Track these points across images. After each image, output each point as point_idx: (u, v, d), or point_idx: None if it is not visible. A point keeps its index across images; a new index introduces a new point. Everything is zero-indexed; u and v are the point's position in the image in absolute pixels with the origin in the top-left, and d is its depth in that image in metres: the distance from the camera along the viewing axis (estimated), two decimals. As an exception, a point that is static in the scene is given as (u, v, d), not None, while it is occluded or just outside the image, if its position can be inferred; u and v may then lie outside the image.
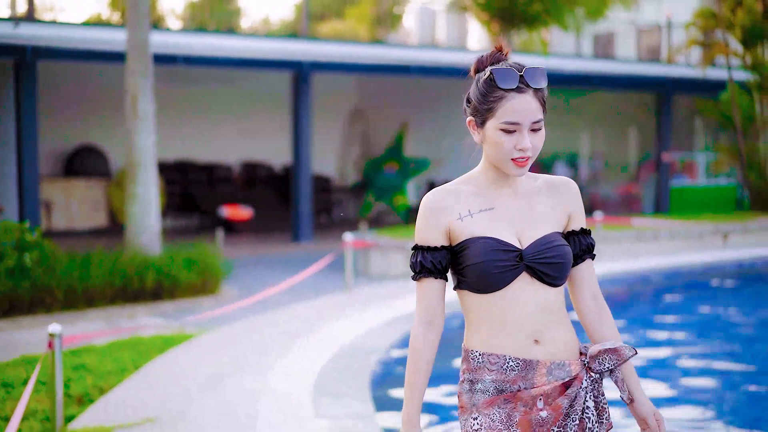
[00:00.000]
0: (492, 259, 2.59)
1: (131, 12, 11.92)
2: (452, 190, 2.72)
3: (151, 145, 12.05)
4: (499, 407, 2.61)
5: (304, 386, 6.49)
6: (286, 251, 16.95)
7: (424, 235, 2.68)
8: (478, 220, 2.66)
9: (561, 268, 2.64)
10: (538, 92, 2.62)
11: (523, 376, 2.61)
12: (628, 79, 22.03)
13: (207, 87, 22.01)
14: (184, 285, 11.66)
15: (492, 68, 2.64)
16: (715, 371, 8.15)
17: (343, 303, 10.34)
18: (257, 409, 5.93)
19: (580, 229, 2.77)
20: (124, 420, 5.61)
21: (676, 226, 17.47)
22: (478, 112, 2.69)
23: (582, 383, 2.64)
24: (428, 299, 2.69)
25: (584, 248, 2.76)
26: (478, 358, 2.65)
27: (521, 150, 2.59)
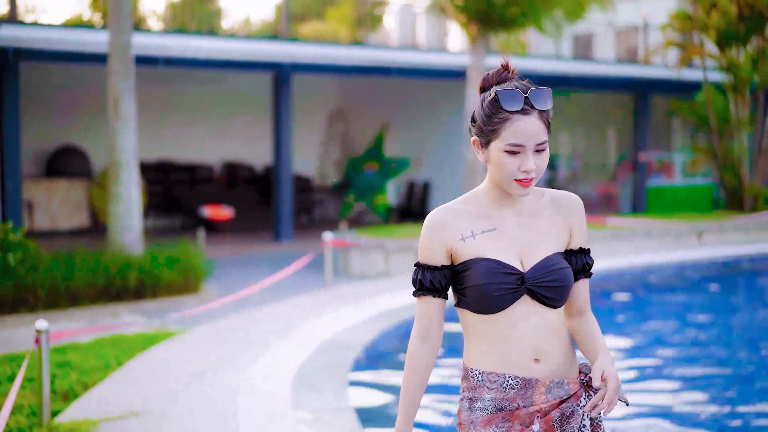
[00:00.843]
0: (493, 282, 2.61)
1: (113, 14, 12.04)
2: (455, 209, 2.71)
3: (133, 145, 12.18)
4: (497, 426, 2.64)
5: (283, 381, 6.67)
6: (267, 251, 17.11)
7: (425, 254, 2.70)
8: (480, 241, 2.66)
9: (562, 291, 2.66)
10: (543, 113, 2.61)
11: (522, 394, 2.64)
12: (606, 80, 22.28)
13: (188, 88, 22.13)
14: (166, 284, 11.80)
15: (497, 89, 2.61)
16: (687, 367, 8.37)
17: (323, 301, 10.52)
18: (238, 403, 6.10)
19: (579, 248, 2.78)
20: (108, 414, 5.77)
21: (652, 225, 17.73)
22: (482, 132, 2.65)
23: (579, 401, 2.67)
24: (426, 316, 2.71)
25: (580, 268, 2.77)
26: (477, 376, 2.68)
27: (525, 171, 2.59)
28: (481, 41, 16.56)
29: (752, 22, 20.43)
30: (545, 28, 16.50)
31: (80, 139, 20.69)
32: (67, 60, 16.64)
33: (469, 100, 16.72)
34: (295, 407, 5.96)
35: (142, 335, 8.88)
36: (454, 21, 17.02)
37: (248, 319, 9.46)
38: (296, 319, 9.31)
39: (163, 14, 31.96)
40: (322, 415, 5.77)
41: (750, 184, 21.03)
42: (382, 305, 10.00)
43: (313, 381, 6.68)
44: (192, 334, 8.67)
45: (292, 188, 18.60)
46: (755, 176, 21.21)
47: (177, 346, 8.11)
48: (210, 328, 9.03)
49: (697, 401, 7.23)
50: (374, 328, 8.73)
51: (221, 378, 6.84)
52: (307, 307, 10.13)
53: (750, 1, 20.14)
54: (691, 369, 8.27)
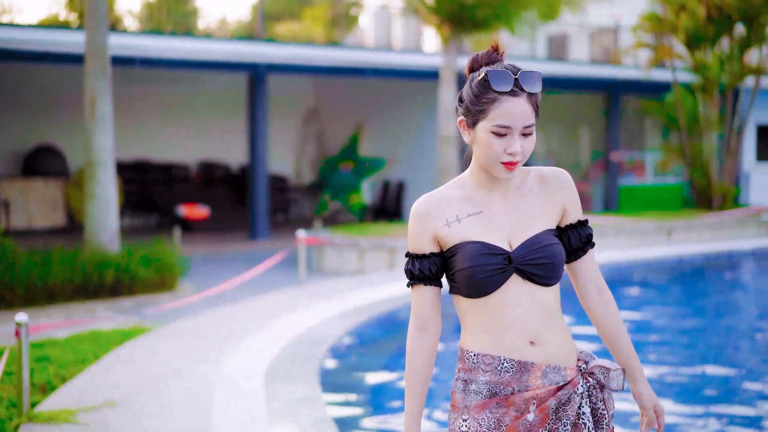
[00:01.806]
0: (480, 264, 2.57)
1: (90, 15, 12.19)
2: (441, 195, 2.68)
3: (109, 145, 12.33)
4: (491, 411, 2.59)
5: (257, 373, 6.89)
6: (242, 249, 17.29)
7: (413, 243, 2.68)
8: (466, 224, 2.63)
9: (551, 268, 2.62)
10: (532, 96, 2.57)
11: (517, 378, 2.60)
12: (579, 80, 22.59)
13: (164, 87, 22.28)
14: (142, 281, 11.97)
15: (487, 69, 2.57)
16: (651, 362, 8.63)
17: (297, 297, 10.73)
18: (213, 394, 6.31)
19: (578, 221, 2.74)
20: (86, 404, 5.97)
21: (622, 223, 18.04)
22: (469, 112, 2.61)
23: (576, 388, 2.61)
24: (421, 306, 2.68)
25: (584, 240, 2.74)
26: (473, 358, 2.63)
27: (511, 154, 2.55)
28: (454, 42, 16.81)
29: (720, 24, 20.80)
30: (516, 29, 16.75)
31: (57, 138, 20.79)
32: (44, 60, 16.77)
33: (442, 100, 16.95)
34: (268, 398, 6.17)
35: (119, 331, 9.06)
36: (427, 23, 17.26)
37: (223, 315, 9.66)
38: (270, 314, 9.52)
39: (139, 14, 32.05)
40: (293, 405, 5.98)
41: (718, 183, 21.40)
42: (355, 301, 10.22)
43: (286, 373, 6.89)
44: (168, 329, 8.86)
45: (267, 187, 18.80)
46: (723, 175, 21.59)
47: (153, 341, 8.31)
48: (185, 323, 9.23)
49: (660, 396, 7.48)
50: (346, 323, 8.95)
51: (196, 370, 7.04)
52: (282, 303, 10.34)
53: (718, 4, 20.50)
54: (655, 368, 8.54)
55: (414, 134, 22.38)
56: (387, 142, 23.44)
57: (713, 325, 10.88)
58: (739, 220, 20.00)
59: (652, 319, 11.01)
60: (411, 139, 22.55)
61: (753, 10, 20.45)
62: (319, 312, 9.58)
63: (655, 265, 14.89)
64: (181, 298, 11.65)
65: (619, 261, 14.33)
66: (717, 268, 15.71)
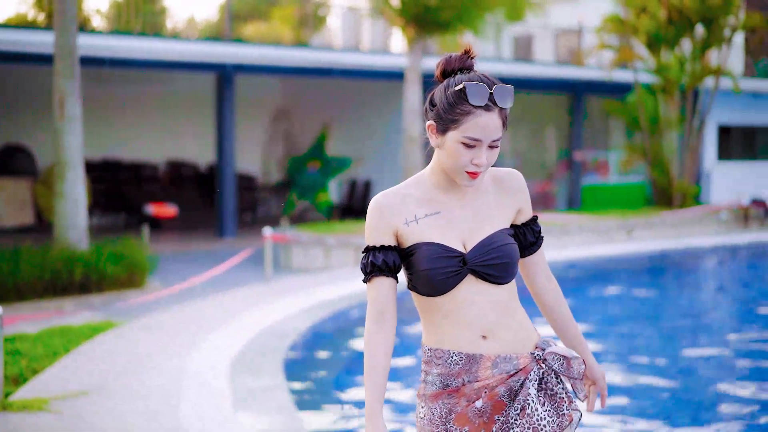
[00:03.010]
0: (436, 267, 2.63)
1: (59, 16, 12.34)
2: (399, 193, 2.73)
3: (78, 144, 12.47)
4: (443, 401, 2.68)
5: (223, 364, 7.14)
6: (210, 247, 17.49)
7: (373, 236, 2.71)
8: (423, 225, 2.68)
9: (506, 268, 2.68)
10: (503, 111, 2.63)
11: (467, 369, 2.67)
12: (544, 81, 22.94)
13: (133, 87, 22.41)
14: (110, 279, 12.12)
15: (466, 82, 2.60)
16: (608, 358, 8.94)
17: (263, 293, 10.98)
18: (181, 384, 6.55)
19: (529, 219, 2.84)
20: (59, 393, 6.19)
21: (584, 221, 18.40)
22: (441, 119, 2.64)
23: (529, 375, 2.67)
24: (379, 298, 2.71)
25: (537, 236, 2.85)
26: (428, 352, 2.73)
27: (476, 165, 2.61)
28: (419, 44, 17.09)
29: (680, 26, 21.24)
30: (480, 31, 17.06)
31: (25, 138, 20.87)
32: (12, 61, 16.86)
33: (407, 100, 17.22)
34: (234, 387, 6.42)
35: (89, 326, 9.25)
36: (392, 24, 17.53)
37: (191, 310, 9.89)
38: (237, 309, 9.76)
39: (107, 13, 32.08)
40: (258, 394, 6.24)
41: (678, 182, 21.84)
42: (320, 296, 10.48)
43: (251, 364, 7.15)
44: (137, 324, 9.07)
45: (235, 186, 19.01)
46: (684, 174, 22.03)
47: (122, 334, 8.52)
48: (154, 318, 9.44)
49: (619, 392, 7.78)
50: (311, 317, 9.21)
51: (165, 362, 7.28)
52: (248, 298, 10.58)
53: (678, 6, 20.93)
54: (609, 356, 8.85)
55: (380, 134, 22.66)
56: (354, 141, 23.70)
57: (668, 318, 11.23)
58: (698, 218, 20.46)
59: (608, 313, 11.34)
60: (377, 139, 22.82)
61: (712, 13, 20.91)
62: (285, 307, 9.83)
63: (614, 261, 15.25)
64: (149, 294, 11.85)
65: (579, 258, 14.66)
66: (675, 264, 16.10)
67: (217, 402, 6.04)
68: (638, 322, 10.87)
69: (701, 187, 24.17)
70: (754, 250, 17.91)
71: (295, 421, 5.57)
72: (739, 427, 6.46)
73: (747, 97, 25.22)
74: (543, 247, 2.89)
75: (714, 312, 12.24)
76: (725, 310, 12.46)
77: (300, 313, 9.47)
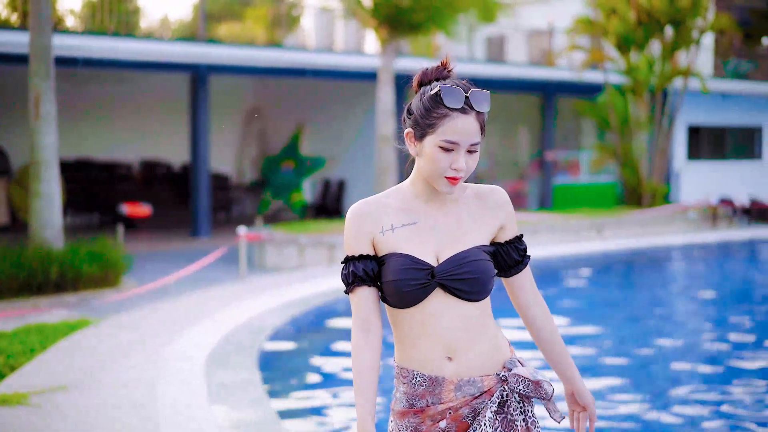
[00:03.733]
0: (404, 278, 2.61)
1: (34, 17, 12.44)
2: (378, 202, 2.71)
3: (53, 144, 12.56)
4: (409, 420, 2.68)
5: (198, 358, 7.29)
6: (184, 246, 17.59)
7: (352, 245, 2.70)
8: (398, 235, 2.67)
9: (476, 284, 2.64)
10: (480, 115, 2.62)
11: (430, 391, 2.65)
12: (517, 81, 23.17)
13: (107, 87, 22.47)
14: (86, 277, 12.22)
15: (441, 85, 2.61)
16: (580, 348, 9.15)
17: (237, 290, 11.13)
18: (157, 378, 6.70)
19: (514, 237, 2.78)
20: (37, 387, 6.33)
21: (555, 220, 18.65)
22: (418, 125, 2.64)
23: (492, 397, 2.65)
24: (362, 308, 2.69)
25: (521, 255, 2.78)
26: (396, 369, 2.73)
27: (455, 170, 2.59)
28: (392, 45, 17.28)
29: (649, 28, 21.56)
30: (451, 32, 17.27)
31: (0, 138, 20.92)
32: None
33: (380, 100, 17.40)
34: (208, 381, 6.58)
35: (65, 323, 9.37)
36: (365, 25, 17.71)
37: (167, 307, 10.03)
38: (212, 306, 9.91)
39: (80, 13, 32.05)
40: (232, 387, 6.40)
41: (648, 181, 22.15)
42: (293, 294, 10.65)
43: (226, 358, 7.31)
44: (113, 321, 9.21)
45: (209, 186, 19.12)
46: (653, 174, 22.34)
47: (99, 331, 8.65)
48: (130, 315, 9.58)
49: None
50: (285, 314, 9.38)
51: (140, 357, 7.42)
52: (222, 296, 10.73)
53: (647, 8, 21.25)
54: (582, 353, 9.07)
55: (354, 134, 22.83)
56: (327, 141, 23.86)
57: (636, 314, 11.48)
58: (668, 217, 20.77)
59: (576, 310, 11.58)
60: (351, 139, 22.99)
61: (680, 15, 21.25)
62: (260, 304, 9.99)
63: (583, 260, 15.50)
64: (125, 292, 11.96)
65: (549, 256, 14.89)
66: (642, 262, 16.38)
67: (193, 395, 6.20)
68: (604, 320, 11.10)
69: (671, 187, 24.52)
70: (722, 248, 18.24)
71: (268, 413, 5.73)
72: (705, 418, 6.68)
73: (716, 98, 25.59)
74: (529, 267, 2.83)
75: (677, 308, 12.50)
76: (687, 307, 12.72)
77: (274, 309, 9.64)
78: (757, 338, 9.89)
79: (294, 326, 9.19)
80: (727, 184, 25.57)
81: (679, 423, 6.55)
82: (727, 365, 8.51)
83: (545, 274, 14.07)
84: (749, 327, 10.59)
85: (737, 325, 10.71)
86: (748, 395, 7.34)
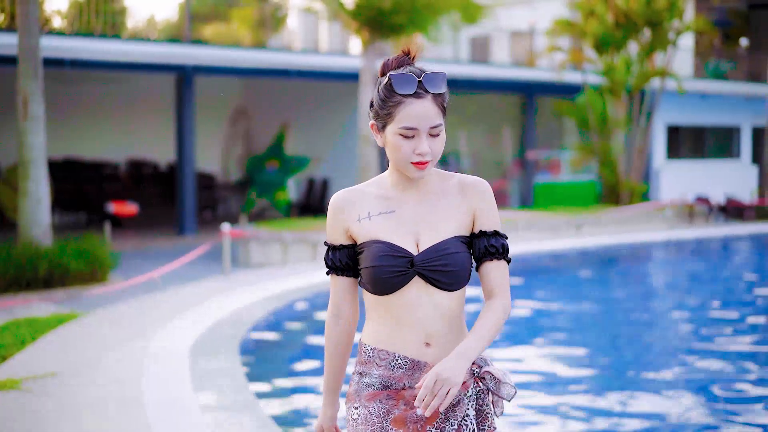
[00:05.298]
0: (383, 265, 2.63)
1: (22, 19, 12.72)
2: (357, 191, 2.75)
3: (41, 143, 12.85)
4: (381, 402, 2.67)
5: (182, 348, 7.63)
6: (170, 244, 17.89)
7: (329, 235, 2.77)
8: (376, 223, 2.69)
9: (454, 275, 2.66)
10: (438, 97, 2.62)
11: (409, 375, 2.67)
12: (499, 81, 23.55)
13: (94, 87, 22.75)
14: (74, 274, 12.51)
15: (391, 74, 2.64)
16: (558, 349, 9.52)
17: (221, 286, 11.47)
18: (143, 366, 7.04)
19: (480, 231, 2.73)
20: (29, 374, 6.66)
21: (535, 218, 19.03)
22: (378, 116, 2.67)
23: (467, 391, 2.67)
24: (335, 294, 2.80)
25: (483, 251, 2.72)
26: (369, 352, 2.72)
27: (420, 154, 2.60)
28: (373, 46, 17.62)
29: (627, 30, 22.00)
30: (432, 34, 17.62)
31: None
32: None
33: (362, 101, 17.73)
34: (192, 369, 6.92)
35: (55, 317, 9.67)
36: (347, 27, 18.06)
37: (152, 301, 10.37)
38: (197, 300, 10.25)
39: (67, 13, 32.26)
40: (215, 375, 6.74)
41: (626, 180, 22.57)
42: (275, 289, 11.00)
43: (209, 349, 7.65)
44: (101, 314, 9.54)
45: (195, 185, 19.44)
46: (631, 173, 22.77)
47: (87, 323, 8.98)
48: (117, 309, 9.91)
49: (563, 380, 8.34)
50: (266, 307, 9.73)
51: (128, 347, 7.76)
52: (207, 290, 11.07)
53: (625, 10, 21.67)
54: (549, 348, 9.43)
55: (338, 134, 23.17)
56: (312, 141, 24.19)
57: (609, 308, 11.85)
58: (645, 215, 21.18)
59: (549, 304, 11.94)
60: (335, 139, 23.33)
61: (657, 17, 21.70)
62: (243, 298, 10.33)
63: (560, 256, 15.88)
64: (112, 286, 12.28)
65: (526, 252, 15.26)
66: (617, 258, 16.77)
67: (177, 383, 6.53)
68: (576, 314, 11.47)
69: (650, 185, 24.93)
70: (697, 245, 18.64)
71: (248, 397, 6.07)
72: (680, 413, 7.01)
73: (695, 98, 26.04)
74: (500, 264, 2.73)
75: (649, 301, 12.87)
76: (659, 300, 13.10)
77: (257, 303, 9.98)
78: (732, 331, 10.07)
79: (277, 317, 9.53)
80: (706, 182, 26.02)
81: (653, 419, 6.72)
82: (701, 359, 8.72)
83: (522, 270, 14.43)
84: (719, 319, 10.91)
85: (708, 317, 11.05)
86: (722, 390, 7.49)
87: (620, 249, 17.19)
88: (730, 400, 7.18)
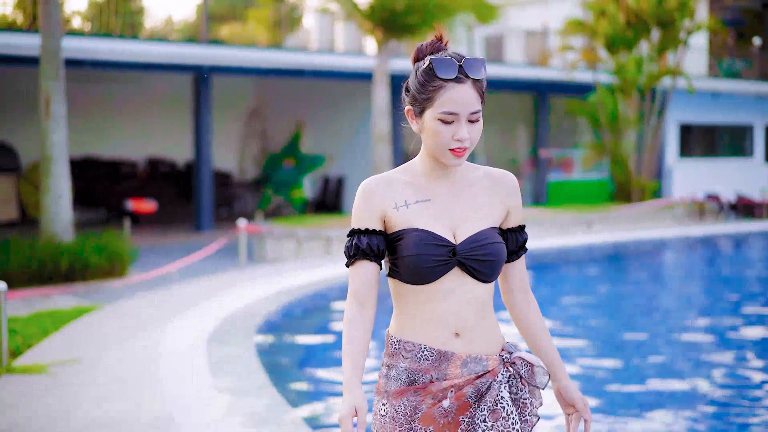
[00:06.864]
0: (425, 253, 2.57)
1: (44, 20, 13.07)
2: (390, 178, 2.68)
3: (63, 142, 13.20)
4: (408, 399, 2.61)
5: (199, 337, 7.98)
6: (188, 240, 18.24)
7: (360, 219, 2.66)
8: (414, 211, 2.63)
9: (493, 266, 2.62)
10: (477, 83, 2.58)
11: (436, 366, 2.61)
12: (513, 81, 23.80)
13: (112, 87, 23.12)
14: (94, 268, 12.86)
15: (431, 58, 2.57)
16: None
17: (236, 279, 11.82)
18: (161, 352, 7.38)
19: (518, 226, 2.75)
20: (55, 360, 7.02)
21: (546, 215, 19.31)
22: (416, 101, 2.61)
23: (497, 377, 2.62)
24: (360, 281, 2.65)
25: (519, 245, 2.75)
26: (395, 344, 2.66)
27: (458, 140, 2.55)
28: (387, 46, 17.93)
29: (638, 29, 22.23)
30: (445, 34, 17.86)
31: (9, 136, 21.54)
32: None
33: (375, 101, 18.01)
34: (209, 355, 7.25)
35: (77, 309, 10.04)
36: (361, 28, 18.37)
37: (171, 293, 10.73)
38: (214, 292, 10.60)
39: (86, 13, 32.69)
40: (230, 361, 7.07)
41: (637, 178, 22.82)
42: (288, 283, 11.33)
43: (224, 337, 7.99)
44: (121, 305, 9.91)
45: (212, 183, 19.79)
46: (642, 171, 23.01)
47: (108, 314, 9.35)
48: (136, 300, 10.27)
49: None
50: (282, 299, 10.07)
51: (146, 335, 8.12)
52: (224, 282, 11.44)
53: (636, 10, 21.92)
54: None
55: (352, 132, 23.49)
56: (327, 140, 24.50)
57: (616, 304, 12.12)
58: (656, 213, 21.42)
59: (560, 299, 12.22)
60: (349, 137, 23.65)
61: (668, 16, 21.93)
62: (258, 290, 10.68)
63: (570, 252, 16.14)
64: (131, 279, 12.64)
65: (537, 248, 15.52)
66: (626, 254, 17.02)
67: (194, 368, 6.87)
68: (586, 308, 11.73)
69: (662, 183, 25.14)
70: (706, 242, 18.86)
71: (264, 385, 6.39)
72: (689, 409, 7.26)
73: (708, 97, 26.23)
74: (523, 259, 2.81)
75: (656, 296, 13.12)
76: (666, 294, 13.34)
77: (272, 296, 10.32)
78: (735, 325, 10.25)
79: (291, 309, 9.87)
80: (718, 181, 26.17)
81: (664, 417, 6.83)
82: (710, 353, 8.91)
83: (532, 266, 14.70)
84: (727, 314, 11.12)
85: (715, 313, 11.28)
86: (730, 382, 7.64)
87: (628, 245, 17.42)
88: (740, 396, 7.23)
